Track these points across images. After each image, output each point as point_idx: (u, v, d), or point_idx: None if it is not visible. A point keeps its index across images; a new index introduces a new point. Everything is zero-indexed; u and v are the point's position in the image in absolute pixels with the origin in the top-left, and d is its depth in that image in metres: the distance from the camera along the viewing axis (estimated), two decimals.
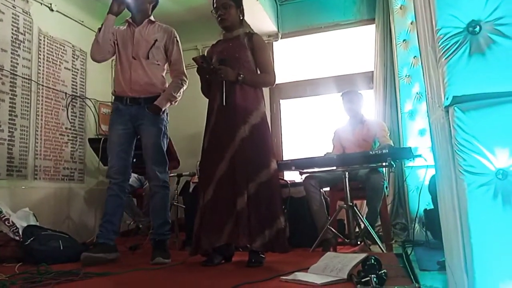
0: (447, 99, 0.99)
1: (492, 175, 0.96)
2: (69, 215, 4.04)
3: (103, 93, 4.59)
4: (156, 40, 2.78)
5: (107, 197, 2.72)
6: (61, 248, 2.74)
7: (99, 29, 2.75)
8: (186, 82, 2.88)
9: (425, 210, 3.28)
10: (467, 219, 0.97)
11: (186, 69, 2.92)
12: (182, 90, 2.85)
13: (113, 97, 2.88)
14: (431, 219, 3.18)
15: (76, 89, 4.32)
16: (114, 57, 2.88)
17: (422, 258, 2.65)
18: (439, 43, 1.01)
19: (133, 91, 2.75)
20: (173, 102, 2.82)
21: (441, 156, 1.17)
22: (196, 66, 2.52)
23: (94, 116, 4.47)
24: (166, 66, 2.89)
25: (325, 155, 3.31)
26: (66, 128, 4.14)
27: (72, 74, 4.28)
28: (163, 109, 2.75)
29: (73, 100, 4.24)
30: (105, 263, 2.53)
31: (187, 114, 4.61)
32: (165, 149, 2.81)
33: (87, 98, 4.40)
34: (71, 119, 4.20)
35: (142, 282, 1.98)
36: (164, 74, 2.88)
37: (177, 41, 2.86)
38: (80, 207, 4.19)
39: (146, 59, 2.76)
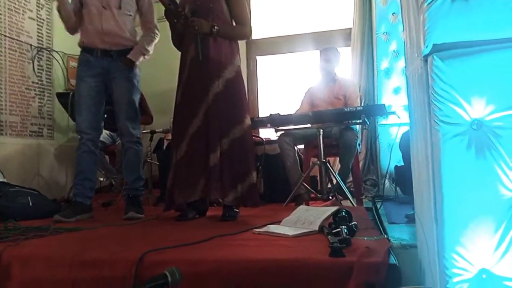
0: (426, 47, 0.97)
1: (467, 126, 0.95)
2: (39, 172, 3.94)
3: (72, 46, 4.30)
4: None
5: (80, 154, 2.63)
6: (30, 204, 2.67)
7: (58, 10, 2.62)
8: (158, 34, 2.77)
9: (396, 166, 3.36)
10: (440, 169, 0.97)
11: (158, 22, 2.80)
12: (154, 43, 2.75)
13: (81, 48, 2.73)
14: (401, 175, 3.26)
15: (42, 41, 4.08)
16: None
17: (391, 212, 2.73)
18: None
19: (104, 43, 2.63)
20: (146, 56, 2.72)
21: (417, 107, 1.16)
22: (164, 9, 2.41)
23: (62, 69, 4.26)
24: (137, 17, 2.76)
25: (270, 115, 3.18)
26: (32, 82, 3.95)
27: (38, 25, 4.03)
28: (136, 63, 2.66)
29: (39, 53, 4.01)
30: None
31: (160, 70, 4.45)
32: (137, 105, 2.73)
33: (54, 50, 4.18)
34: (38, 72, 4.00)
35: (114, 237, 1.96)
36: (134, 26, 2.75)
37: None
38: (50, 164, 4.08)
39: (118, 9, 2.61)
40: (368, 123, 2.95)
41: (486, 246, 0.94)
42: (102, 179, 3.96)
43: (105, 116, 3.31)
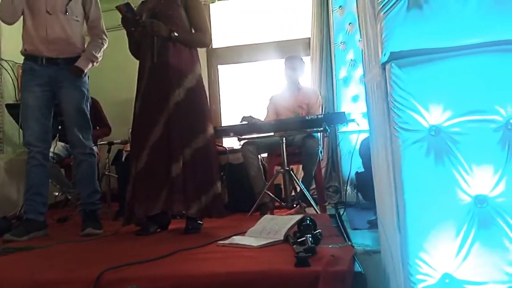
0: (384, 55, 0.98)
1: (426, 132, 0.97)
2: None
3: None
4: None
5: (30, 168, 2.49)
6: None
7: None
8: (106, 40, 2.68)
9: (357, 173, 3.42)
10: (401, 176, 0.98)
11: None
12: (102, 49, 2.66)
13: (24, 56, 2.58)
14: (362, 181, 3.33)
15: None
16: None
17: (354, 218, 2.77)
18: None
19: (50, 50, 2.50)
20: (94, 63, 2.62)
21: (377, 115, 1.17)
22: (121, 17, 2.34)
23: (12, 79, 4.05)
24: (84, 23, 2.66)
25: (243, 118, 3.20)
26: None
27: None
28: (85, 71, 2.55)
29: None
30: None
31: (117, 79, 4.35)
32: (88, 114, 2.62)
33: (2, 59, 3.97)
34: None
35: (70, 255, 1.87)
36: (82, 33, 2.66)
37: None
38: (0, 179, 3.85)
39: (63, 14, 2.50)
40: (329, 130, 2.99)
41: (448, 251, 0.96)
42: (57, 193, 3.77)
43: (59, 127, 3.19)
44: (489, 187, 0.95)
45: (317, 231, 1.78)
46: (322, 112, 3.53)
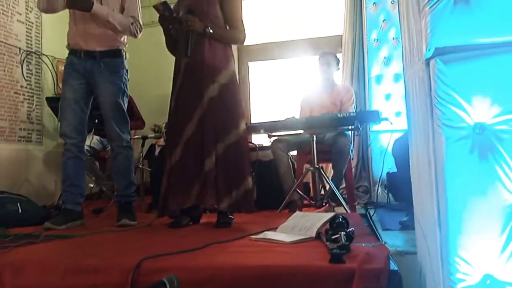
0: (429, 50, 0.97)
1: (470, 129, 0.96)
2: (28, 178, 3.85)
3: (61, 50, 4.24)
4: None
5: (66, 160, 2.56)
6: (20, 211, 2.61)
7: None
8: (138, 27, 2.64)
9: (388, 173, 3.37)
10: (443, 174, 0.97)
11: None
12: (129, 28, 2.59)
13: (68, 50, 2.65)
14: (394, 182, 3.27)
15: (31, 45, 4.02)
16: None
17: (384, 218, 2.74)
18: None
19: (87, 44, 2.55)
20: (110, 20, 2.52)
21: (418, 111, 1.16)
22: (158, 16, 2.38)
23: (51, 74, 4.20)
24: None
25: (286, 119, 3.22)
26: (21, 86, 3.88)
27: (27, 28, 3.97)
28: (92, 7, 2.45)
29: (28, 56, 3.95)
30: None
31: (152, 74, 4.44)
32: (125, 108, 2.66)
33: (43, 54, 4.12)
34: (27, 76, 3.93)
35: (108, 244, 1.93)
36: None
37: None
38: (39, 170, 4.00)
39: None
40: (361, 129, 2.95)
41: (491, 251, 0.94)
42: (92, 185, 3.90)
43: (96, 121, 3.28)
44: None
45: (349, 229, 1.76)
46: (354, 110, 3.49)
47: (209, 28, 2.34)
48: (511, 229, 0.93)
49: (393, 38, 3.84)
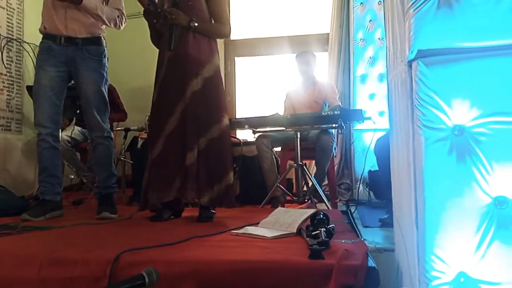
0: (411, 52, 0.98)
1: (449, 131, 0.97)
2: (6, 167, 3.78)
3: None
4: None
5: (41, 151, 2.48)
6: None
7: None
8: (123, 20, 2.62)
9: (370, 171, 3.42)
10: (422, 173, 0.99)
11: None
12: (114, 21, 2.58)
13: (42, 34, 2.55)
14: (375, 180, 3.33)
15: (12, 31, 3.93)
16: None
17: (365, 216, 2.79)
18: None
19: (68, 29, 2.47)
20: (99, 14, 2.50)
21: (399, 112, 1.18)
22: (143, 10, 2.35)
23: (32, 61, 4.10)
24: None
25: (270, 115, 3.23)
26: (1, 74, 3.79)
27: (7, 14, 3.88)
28: (83, 1, 2.42)
29: (8, 43, 3.86)
30: None
31: (135, 66, 4.40)
32: (106, 96, 2.60)
33: (24, 41, 4.03)
34: (7, 64, 3.85)
35: (87, 236, 1.90)
36: None
37: None
38: (17, 159, 3.93)
39: None
40: (344, 127, 2.98)
41: (465, 250, 0.97)
42: (72, 176, 3.84)
43: (77, 111, 3.23)
44: (510, 189, 0.96)
45: (330, 226, 1.78)
46: (340, 102, 3.52)
47: (194, 21, 2.33)
48: (485, 229, 0.96)
49: (379, 39, 3.88)
